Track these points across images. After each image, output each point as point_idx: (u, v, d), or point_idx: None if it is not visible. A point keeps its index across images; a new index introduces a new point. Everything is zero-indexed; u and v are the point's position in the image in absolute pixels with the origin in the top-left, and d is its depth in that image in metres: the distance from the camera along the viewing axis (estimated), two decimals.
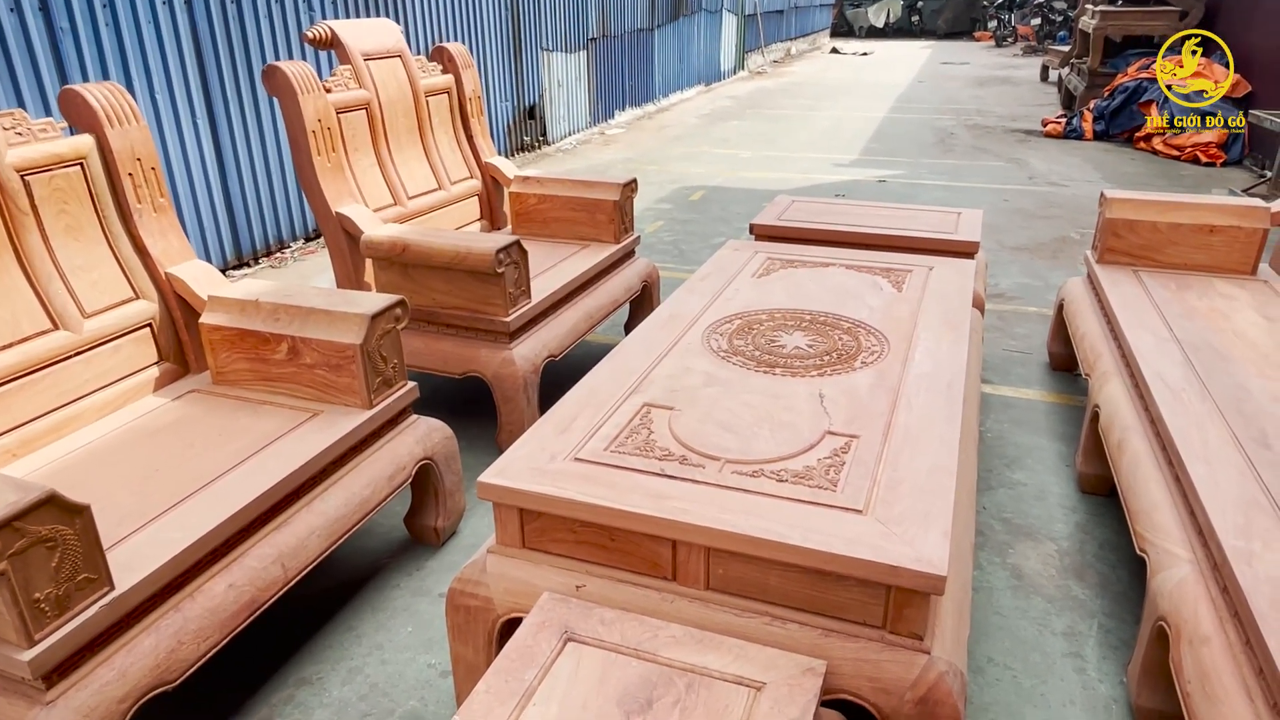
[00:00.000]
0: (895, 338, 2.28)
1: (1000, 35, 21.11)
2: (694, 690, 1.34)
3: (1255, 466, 1.89)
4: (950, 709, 1.39)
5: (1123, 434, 2.32)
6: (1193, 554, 1.79)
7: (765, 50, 16.98)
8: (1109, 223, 3.20)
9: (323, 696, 2.00)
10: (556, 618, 1.49)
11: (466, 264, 2.74)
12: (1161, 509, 1.97)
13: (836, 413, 1.88)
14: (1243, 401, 2.18)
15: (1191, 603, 1.67)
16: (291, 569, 1.91)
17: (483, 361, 2.84)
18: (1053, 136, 8.87)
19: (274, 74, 2.85)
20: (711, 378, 2.06)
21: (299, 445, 2.04)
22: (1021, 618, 2.20)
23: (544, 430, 1.82)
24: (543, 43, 8.40)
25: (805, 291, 2.63)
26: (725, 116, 10.80)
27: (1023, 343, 3.86)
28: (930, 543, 1.43)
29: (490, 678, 1.37)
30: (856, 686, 1.43)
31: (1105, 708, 1.93)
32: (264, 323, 2.25)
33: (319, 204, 2.96)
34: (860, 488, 1.59)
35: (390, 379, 2.27)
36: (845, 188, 6.82)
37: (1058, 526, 2.57)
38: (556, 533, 1.65)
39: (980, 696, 1.96)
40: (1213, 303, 2.84)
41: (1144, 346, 2.51)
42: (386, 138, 3.28)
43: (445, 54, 3.61)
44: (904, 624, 1.44)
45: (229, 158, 4.85)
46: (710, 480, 1.63)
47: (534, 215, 3.69)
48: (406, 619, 2.24)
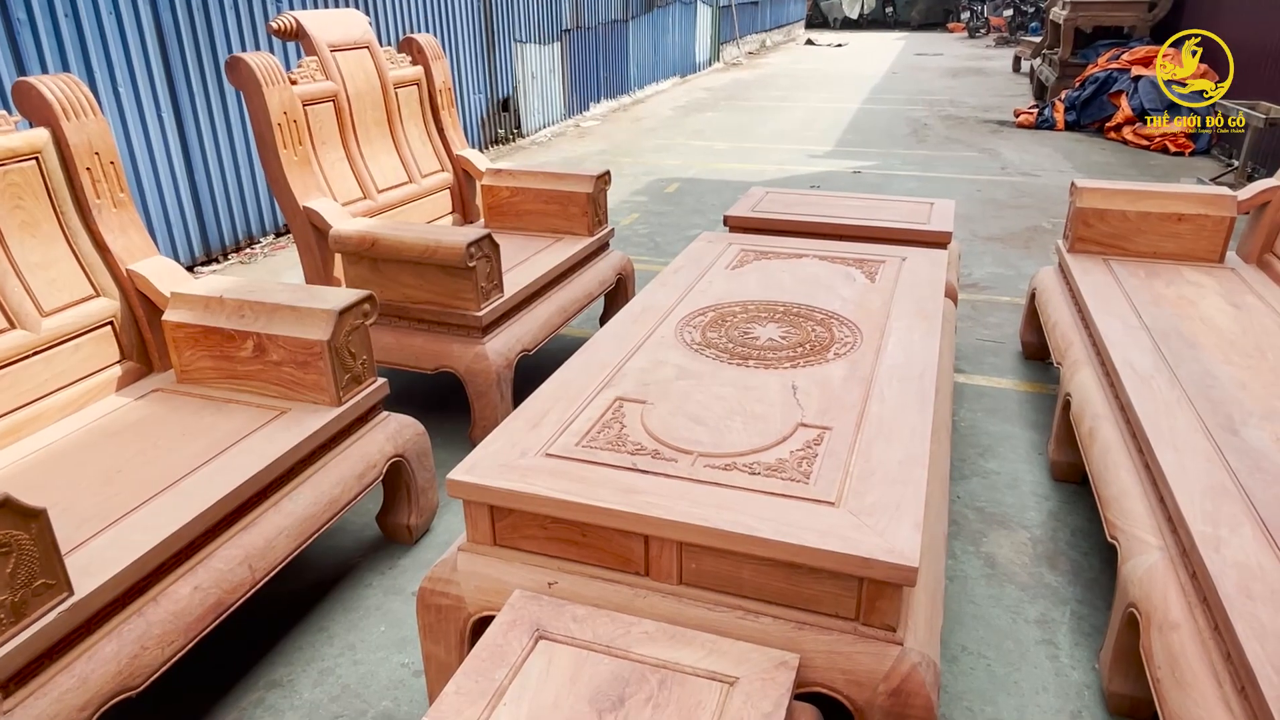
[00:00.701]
0: (868, 328, 2.27)
1: (973, 26, 21.23)
2: (667, 686, 1.33)
3: (1223, 452, 1.91)
4: (923, 700, 1.39)
5: (1093, 422, 2.34)
6: (1162, 540, 1.80)
7: (740, 42, 16.96)
8: (1079, 212, 3.22)
9: (293, 699, 1.97)
10: (528, 616, 1.47)
11: (437, 258, 2.71)
12: (1131, 496, 1.98)
13: (809, 404, 1.87)
14: (1210, 388, 2.20)
15: (1161, 589, 1.68)
16: (259, 570, 1.87)
17: (455, 357, 2.80)
18: (1025, 127, 8.93)
19: (238, 66, 2.79)
20: (684, 370, 2.05)
21: (266, 444, 2.01)
22: (995, 606, 2.21)
23: (515, 426, 1.80)
24: (516, 34, 8.33)
25: (779, 283, 2.62)
26: (700, 108, 10.78)
27: (996, 332, 3.88)
28: (902, 534, 1.42)
29: (460, 678, 1.35)
30: (830, 679, 1.43)
31: (1078, 694, 1.94)
32: (229, 320, 2.21)
33: (286, 198, 2.91)
34: (832, 480, 1.59)
35: (359, 375, 2.24)
36: (820, 179, 6.83)
37: (1030, 515, 2.58)
38: (528, 529, 1.63)
39: (954, 685, 1.97)
40: (1181, 290, 2.87)
41: (1114, 334, 2.53)
42: (355, 130, 3.23)
43: (414, 45, 3.56)
44: (877, 616, 1.44)
45: (195, 152, 4.77)
46: (682, 474, 1.62)
47: (507, 208, 3.66)
48: (379, 618, 2.21)
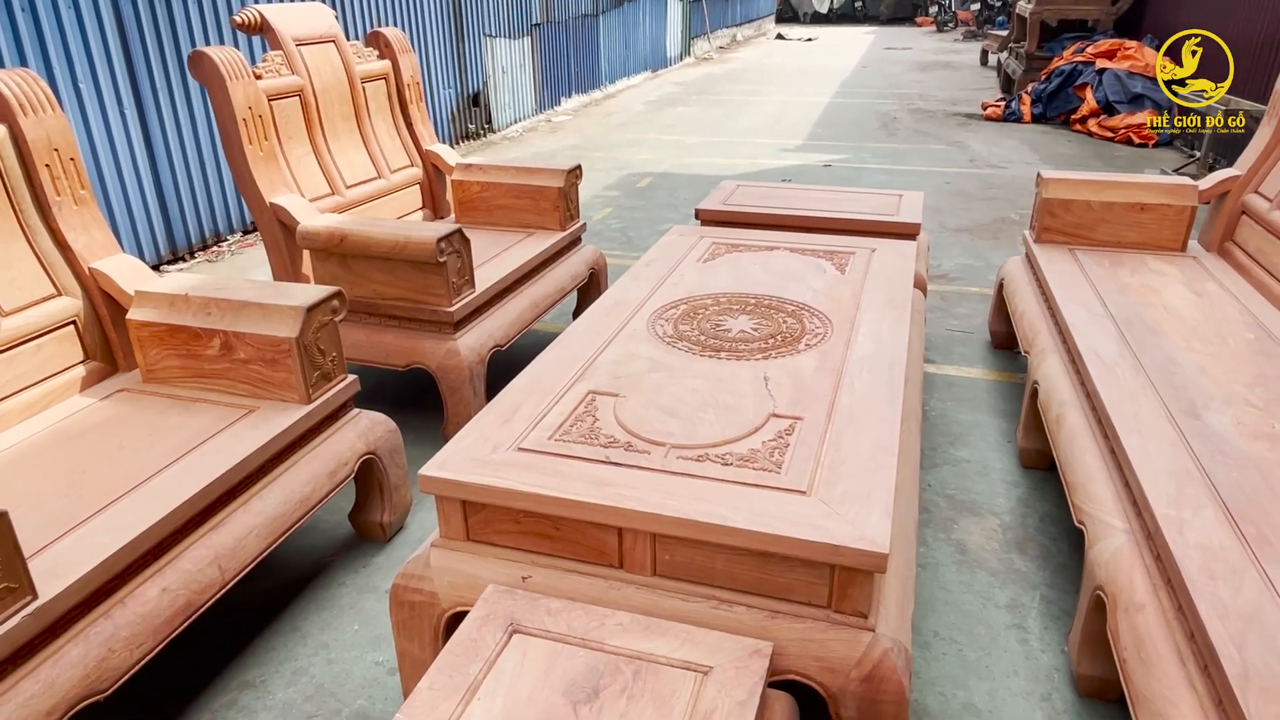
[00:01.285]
0: (838, 319, 2.29)
1: (941, 20, 21.42)
2: (641, 677, 1.33)
3: (1185, 436, 1.94)
4: (895, 685, 1.41)
5: (1060, 409, 2.37)
6: (1128, 524, 1.83)
7: (711, 36, 16.98)
8: (1045, 203, 3.26)
9: (266, 699, 1.95)
10: (502, 610, 1.47)
11: (407, 253, 2.69)
12: (1098, 481, 2.01)
13: (781, 395, 1.88)
14: (1173, 374, 2.24)
15: (1127, 571, 1.71)
16: (229, 570, 1.85)
17: (426, 353, 2.79)
18: (992, 120, 9.03)
19: (201, 60, 2.75)
20: (656, 363, 2.05)
21: (234, 443, 1.98)
22: (966, 592, 2.24)
23: (487, 421, 1.80)
24: (485, 28, 8.28)
25: (750, 275, 2.63)
26: (672, 102, 10.78)
27: (965, 322, 3.92)
28: (872, 522, 1.43)
29: (434, 673, 1.34)
30: (804, 666, 1.44)
31: (1048, 677, 1.97)
32: (195, 318, 2.18)
33: (252, 195, 2.87)
34: (804, 469, 1.60)
35: (329, 373, 2.22)
36: (791, 172, 6.86)
37: (1000, 501, 2.62)
38: (501, 524, 1.63)
39: (927, 671, 1.99)
40: (1144, 279, 2.92)
41: (1079, 322, 2.56)
42: (322, 125, 3.19)
43: (381, 39, 3.53)
44: (849, 603, 1.45)
45: (160, 148, 4.69)
46: (655, 466, 1.62)
47: (477, 203, 3.64)
48: (353, 617, 2.20)
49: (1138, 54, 8.36)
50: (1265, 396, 2.12)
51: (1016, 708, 1.89)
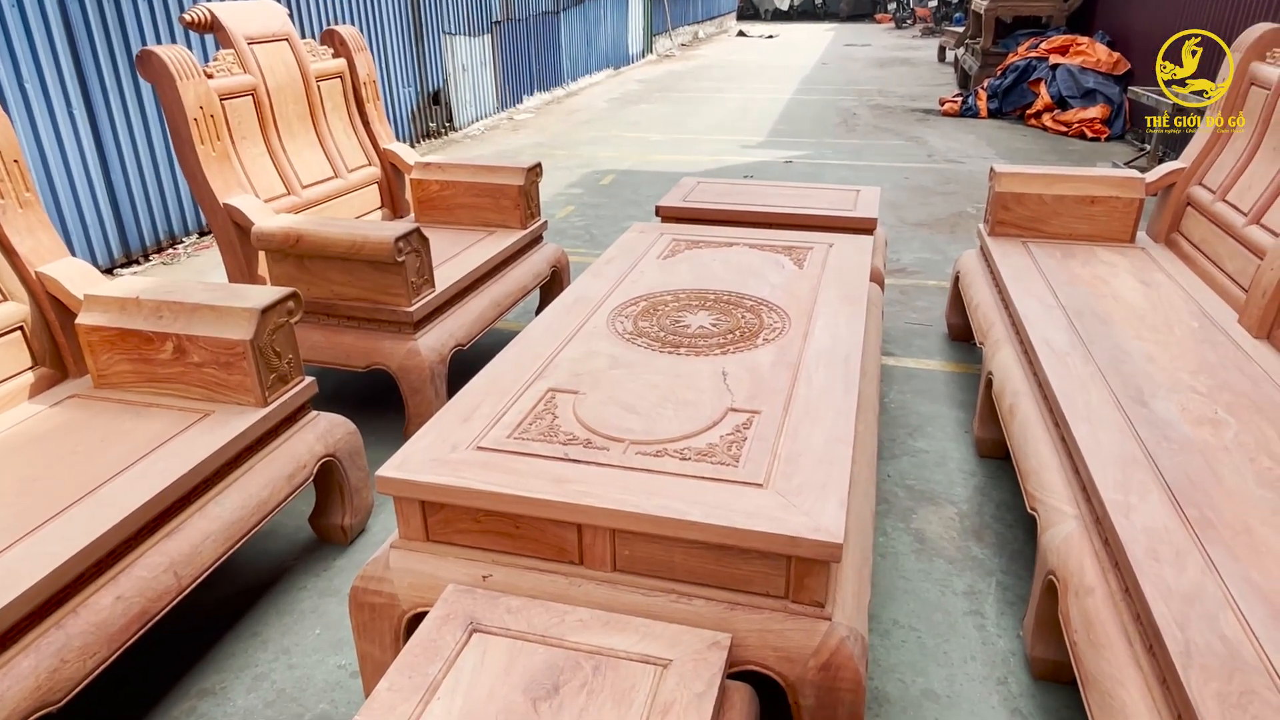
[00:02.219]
0: (796, 314, 2.31)
1: (900, 17, 21.66)
2: (601, 672, 1.34)
3: (1133, 423, 1.99)
4: (851, 673, 1.43)
5: (1014, 398, 2.42)
6: (1078, 510, 1.87)
7: (673, 34, 17.00)
8: (998, 196, 3.32)
9: (226, 706, 1.93)
10: (462, 609, 1.47)
11: (364, 253, 2.66)
12: (1049, 468, 2.06)
13: (739, 390, 1.90)
14: (1121, 362, 2.29)
15: (1077, 556, 1.76)
16: (185, 577, 1.83)
17: (387, 353, 2.77)
18: (950, 115, 9.15)
19: (149, 59, 2.70)
20: (616, 360, 2.06)
21: (189, 447, 1.95)
22: (925, 580, 2.28)
23: (446, 420, 1.79)
24: (445, 26, 8.22)
25: (710, 271, 2.65)
26: (635, 100, 10.79)
27: (923, 315, 3.98)
28: (827, 512, 1.46)
29: (393, 674, 1.34)
30: (762, 657, 1.46)
31: (1004, 661, 2.01)
32: (146, 321, 2.14)
33: (205, 195, 2.82)
34: (761, 462, 1.61)
35: (286, 375, 2.19)
36: (753, 169, 6.90)
37: (958, 490, 2.66)
38: (460, 524, 1.63)
39: (887, 658, 2.02)
40: (1095, 270, 2.98)
41: (1031, 313, 2.61)
42: (276, 125, 3.15)
43: (336, 37, 3.49)
44: (805, 593, 1.47)
45: (111, 149, 4.60)
46: (614, 462, 1.63)
47: (437, 202, 3.61)
48: (315, 621, 2.18)
49: (1089, 50, 8.53)
50: (1209, 383, 2.19)
51: (973, 692, 1.93)
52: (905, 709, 1.89)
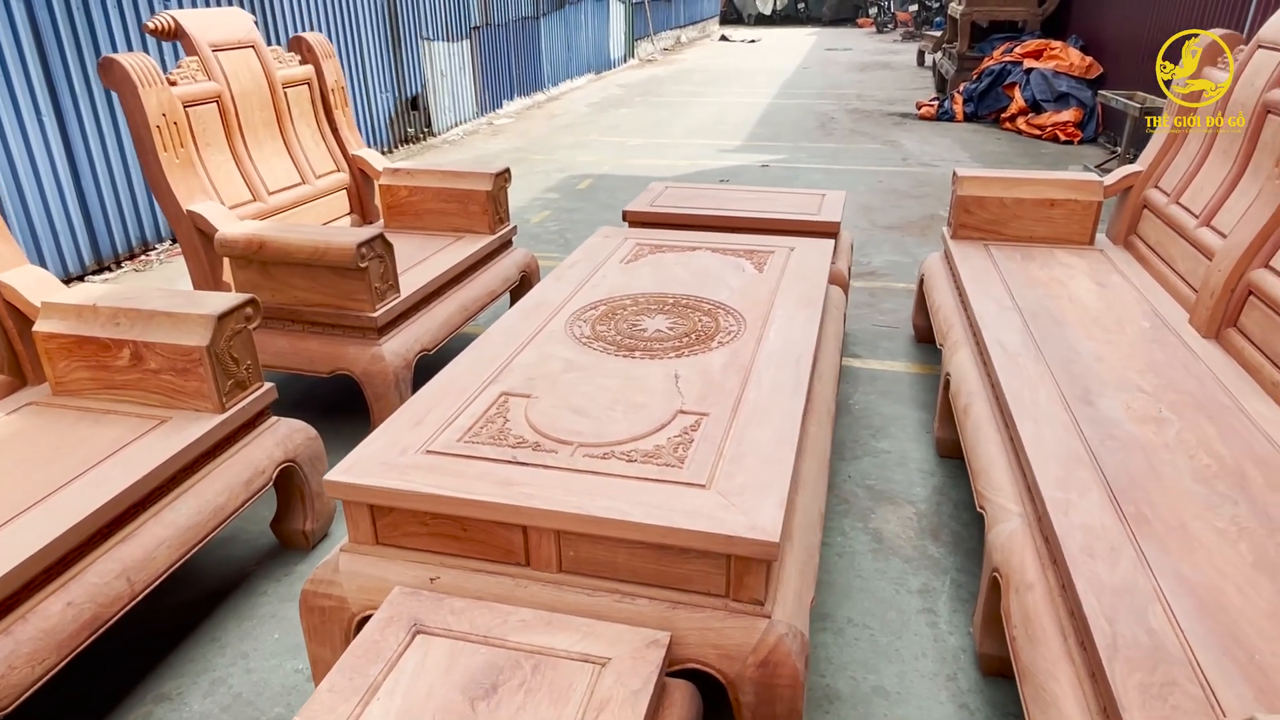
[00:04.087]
0: (752, 317, 2.34)
1: (881, 22, 21.80)
2: (540, 671, 1.36)
3: (1078, 422, 2.03)
4: (789, 669, 1.46)
5: (968, 399, 2.45)
6: (1023, 508, 1.91)
7: (655, 38, 17.06)
8: (960, 200, 3.36)
9: (183, 711, 1.94)
10: (406, 611, 1.49)
11: (327, 259, 2.68)
12: (998, 467, 2.09)
13: (689, 392, 1.92)
14: (1071, 362, 2.33)
15: (1019, 553, 1.79)
16: (139, 583, 1.83)
17: (351, 359, 2.78)
18: (926, 119, 9.23)
19: (111, 67, 2.70)
20: (571, 364, 2.08)
21: (143, 454, 1.96)
22: (880, 578, 2.31)
23: (397, 424, 1.81)
24: (423, 32, 8.23)
25: (670, 275, 2.68)
26: (615, 104, 10.82)
27: (891, 317, 4.02)
28: (766, 512, 1.48)
29: (334, 675, 1.35)
30: (703, 655, 1.48)
31: (954, 658, 2.04)
32: (103, 328, 2.15)
33: (168, 202, 2.83)
34: (705, 463, 1.64)
35: (244, 381, 2.20)
36: (730, 173, 6.94)
37: (917, 490, 2.69)
38: (408, 527, 1.64)
39: (839, 656, 2.05)
40: (1053, 272, 3.03)
41: (987, 315, 2.65)
42: (242, 131, 3.16)
43: (304, 44, 3.50)
44: (745, 591, 1.50)
45: (81, 156, 4.58)
46: (561, 465, 1.65)
47: (406, 208, 3.63)
48: (274, 626, 2.19)
49: (1063, 54, 8.62)
50: (1155, 382, 2.23)
51: (923, 688, 1.96)
52: (855, 706, 1.91)
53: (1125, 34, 7.97)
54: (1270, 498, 1.75)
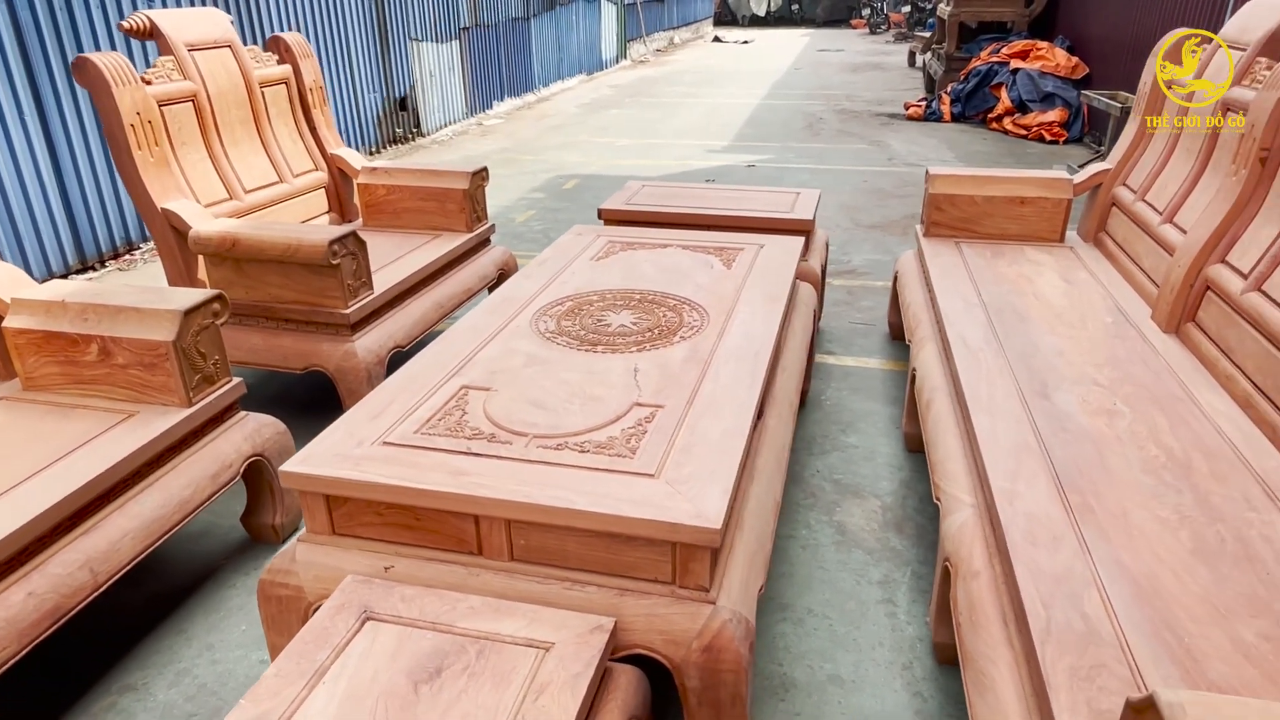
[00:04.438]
0: (716, 313, 2.37)
1: (874, 23, 21.86)
2: (484, 656, 1.39)
3: (1032, 414, 2.06)
4: (733, 654, 1.48)
5: (931, 393, 2.48)
6: (975, 498, 1.94)
7: (648, 39, 17.10)
8: (932, 198, 3.39)
9: (147, 701, 1.96)
10: (357, 599, 1.51)
11: (300, 256, 2.70)
12: (955, 459, 2.12)
13: (647, 385, 1.95)
14: (1031, 357, 2.36)
15: (969, 542, 1.81)
16: (102, 574, 1.86)
17: (324, 355, 2.80)
18: (914, 119, 9.27)
19: (85, 66, 2.73)
20: (533, 358, 2.11)
21: (110, 447, 1.99)
22: (842, 570, 2.34)
23: (356, 417, 1.84)
24: (411, 32, 8.26)
25: (640, 272, 2.70)
26: (605, 105, 10.85)
27: (868, 315, 4.05)
28: (710, 500, 1.51)
29: (282, 660, 1.38)
30: (649, 641, 1.51)
31: (910, 647, 2.07)
32: (72, 324, 2.17)
33: (142, 200, 2.85)
34: (656, 454, 1.67)
35: (211, 376, 2.23)
36: (716, 173, 6.97)
37: (883, 484, 2.72)
38: (363, 517, 1.67)
39: (798, 645, 2.08)
40: (1021, 269, 3.06)
41: (953, 311, 2.68)
42: (218, 130, 3.19)
43: (282, 44, 3.53)
44: (691, 578, 1.52)
45: (64, 156, 4.61)
46: (515, 455, 1.68)
47: (384, 206, 3.65)
48: (241, 618, 2.21)
49: (1049, 54, 8.66)
50: (1112, 375, 2.26)
51: (878, 677, 1.99)
52: (811, 694, 1.94)
53: (1109, 35, 8.01)
54: (1214, 487, 1.79)
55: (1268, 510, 1.72)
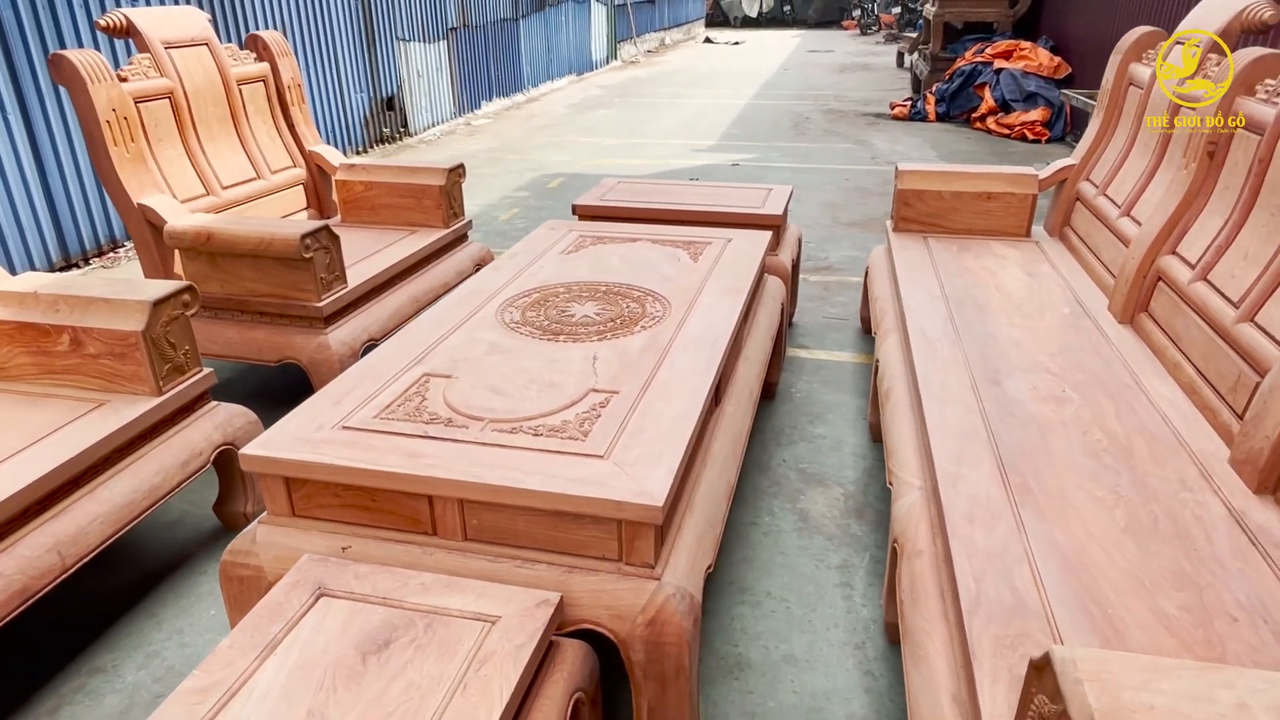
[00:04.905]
0: (678, 303, 2.42)
1: (864, 24, 21.94)
2: (432, 629, 1.43)
3: (982, 401, 2.11)
4: (676, 628, 1.53)
5: (890, 383, 2.53)
6: (923, 482, 1.99)
7: (638, 40, 17.15)
8: (901, 194, 3.45)
9: (116, 682, 2.00)
10: (311, 576, 1.56)
11: (273, 250, 2.74)
12: (908, 445, 2.17)
13: (605, 372, 2.00)
14: (986, 346, 2.42)
15: (915, 523, 1.87)
16: (70, 557, 1.90)
17: (297, 348, 2.85)
18: (900, 119, 9.33)
19: (60, 63, 2.77)
20: (495, 347, 2.15)
21: (80, 434, 2.03)
22: (802, 555, 2.39)
23: (317, 404, 1.88)
24: (398, 32, 8.30)
25: (607, 265, 2.75)
26: (594, 105, 10.90)
27: (842, 310, 4.10)
28: (655, 479, 1.56)
29: (236, 633, 1.42)
30: (596, 616, 1.56)
31: (864, 628, 2.12)
32: (43, 315, 2.21)
33: (119, 196, 2.89)
34: (606, 436, 1.71)
35: (182, 366, 2.27)
36: (701, 172, 7.02)
37: (847, 473, 2.78)
38: (322, 498, 1.71)
39: (754, 627, 2.13)
40: (985, 262, 3.11)
41: (915, 303, 2.74)
42: (195, 127, 3.23)
43: (260, 42, 3.57)
44: (636, 555, 1.57)
45: (48, 153, 4.64)
46: (470, 439, 1.72)
47: (361, 202, 3.70)
48: (211, 603, 2.25)
49: (1032, 54, 8.74)
50: (1064, 364, 2.31)
51: (831, 656, 2.04)
52: (764, 673, 1.99)
53: (1091, 34, 8.09)
54: (1151, 469, 1.84)
55: (1201, 490, 1.77)
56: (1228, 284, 2.12)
